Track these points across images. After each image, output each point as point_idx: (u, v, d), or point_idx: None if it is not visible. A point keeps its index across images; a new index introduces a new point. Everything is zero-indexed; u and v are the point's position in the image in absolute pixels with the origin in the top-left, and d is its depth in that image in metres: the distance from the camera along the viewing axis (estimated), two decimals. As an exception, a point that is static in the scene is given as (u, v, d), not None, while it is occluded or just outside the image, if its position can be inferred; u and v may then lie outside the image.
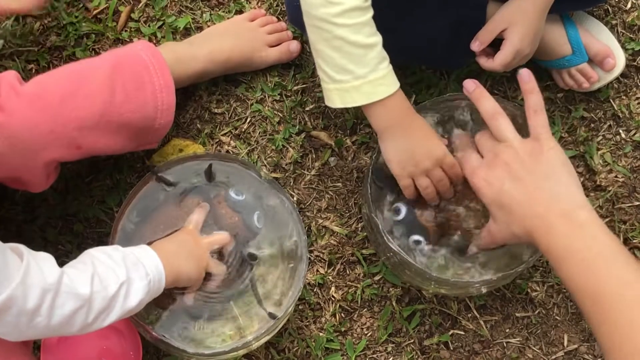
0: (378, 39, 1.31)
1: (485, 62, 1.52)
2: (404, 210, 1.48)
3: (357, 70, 1.31)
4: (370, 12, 1.29)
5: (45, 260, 1.21)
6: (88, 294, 1.22)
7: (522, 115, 1.40)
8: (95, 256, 1.29)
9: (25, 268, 1.15)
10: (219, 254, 1.46)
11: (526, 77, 1.30)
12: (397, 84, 1.34)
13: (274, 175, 1.61)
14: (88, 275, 1.24)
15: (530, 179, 1.23)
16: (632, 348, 0.99)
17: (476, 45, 1.49)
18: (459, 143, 1.46)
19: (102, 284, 1.25)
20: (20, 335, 1.20)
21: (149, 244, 1.38)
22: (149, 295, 1.31)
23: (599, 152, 1.64)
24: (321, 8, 1.27)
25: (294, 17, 1.50)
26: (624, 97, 1.67)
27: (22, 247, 1.18)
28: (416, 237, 1.48)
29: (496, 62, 1.49)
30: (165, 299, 1.42)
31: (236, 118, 1.65)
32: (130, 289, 1.28)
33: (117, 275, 1.27)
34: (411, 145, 1.39)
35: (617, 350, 1.00)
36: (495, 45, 1.48)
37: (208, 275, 1.44)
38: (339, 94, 1.34)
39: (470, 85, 1.35)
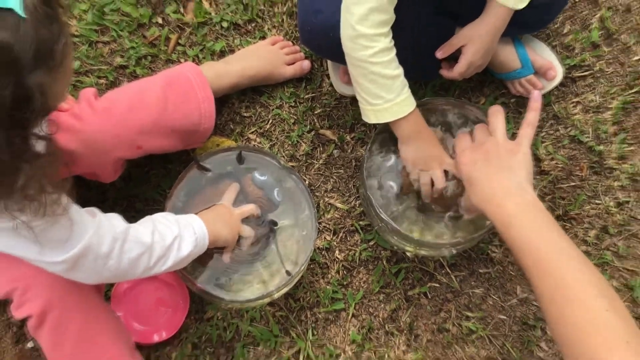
0: (401, 70, 1.34)
1: (446, 73, 1.53)
2: (393, 160, 1.50)
3: (387, 96, 1.34)
4: (394, 51, 1.32)
5: (114, 217, 1.23)
6: (150, 242, 1.24)
7: (476, 113, 1.45)
8: (155, 218, 1.32)
9: (98, 222, 1.17)
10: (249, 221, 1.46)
11: (536, 97, 1.30)
12: (415, 103, 1.37)
13: (290, 164, 1.62)
14: (149, 229, 1.26)
15: (498, 166, 1.24)
16: (562, 297, 1.01)
17: (440, 54, 1.49)
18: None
19: (161, 236, 1.27)
20: (98, 276, 1.21)
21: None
22: (197, 249, 1.33)
23: (543, 144, 1.64)
24: (359, 52, 1.29)
25: (306, 40, 1.50)
26: (562, 102, 1.65)
27: (95, 209, 1.20)
28: (391, 182, 1.49)
29: (454, 72, 1.49)
30: (207, 258, 1.43)
31: (260, 120, 1.64)
32: (182, 242, 1.30)
33: (172, 231, 1.29)
34: (423, 151, 1.42)
35: (550, 299, 1.03)
36: (455, 60, 1.49)
37: (240, 239, 1.45)
38: (374, 113, 1.37)
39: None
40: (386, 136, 1.48)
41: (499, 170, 1.24)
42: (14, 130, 0.92)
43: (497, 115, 1.32)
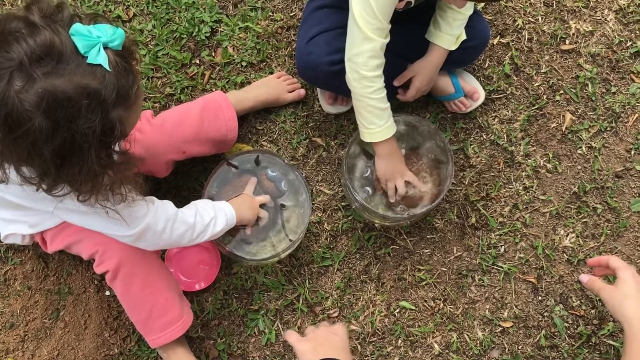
0: (389, 105, 1.34)
1: (401, 96, 1.53)
2: (369, 172, 1.50)
3: (379, 122, 1.34)
4: (385, 91, 1.32)
5: (167, 203, 1.23)
6: (192, 222, 1.24)
7: (420, 124, 1.45)
8: (197, 203, 1.31)
9: (156, 207, 1.18)
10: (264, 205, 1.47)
11: (585, 280, 1.34)
12: (395, 129, 1.37)
13: (292, 162, 1.61)
14: (193, 212, 1.26)
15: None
16: None
17: (396, 82, 1.50)
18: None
19: (201, 217, 1.26)
20: (155, 246, 1.22)
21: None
22: (227, 226, 1.33)
23: (471, 146, 1.63)
24: (362, 90, 1.30)
25: (302, 74, 1.51)
26: (485, 116, 1.65)
27: (153, 198, 1.21)
28: (368, 188, 1.49)
29: (407, 95, 1.50)
30: (234, 231, 1.44)
31: (270, 131, 1.63)
32: (216, 222, 1.30)
33: (209, 213, 1.29)
34: (392, 166, 1.42)
35: None
36: (407, 87, 1.50)
37: (258, 219, 1.45)
38: (369, 134, 1.37)
39: (583, 279, 1.35)
40: (358, 143, 1.47)
41: None
42: (102, 149, 0.95)
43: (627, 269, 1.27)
